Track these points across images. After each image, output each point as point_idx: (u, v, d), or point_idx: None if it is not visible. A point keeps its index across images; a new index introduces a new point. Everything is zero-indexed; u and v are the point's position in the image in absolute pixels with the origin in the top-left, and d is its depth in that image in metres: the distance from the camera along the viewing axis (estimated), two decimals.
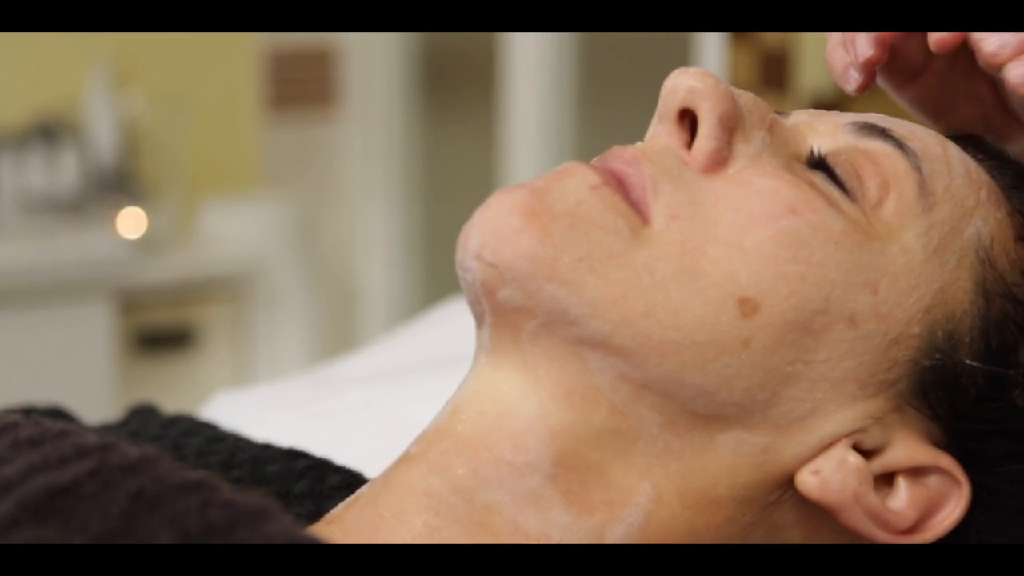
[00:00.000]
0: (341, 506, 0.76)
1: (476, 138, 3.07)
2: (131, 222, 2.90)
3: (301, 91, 3.25)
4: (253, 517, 0.66)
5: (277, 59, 3.21)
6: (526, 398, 0.74)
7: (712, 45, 2.19)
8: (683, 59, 2.35)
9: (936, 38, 0.81)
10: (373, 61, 3.23)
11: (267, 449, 0.97)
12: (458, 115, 3.25)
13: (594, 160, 0.78)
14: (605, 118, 2.76)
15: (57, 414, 1.03)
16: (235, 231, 3.07)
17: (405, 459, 0.76)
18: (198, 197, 3.08)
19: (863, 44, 0.82)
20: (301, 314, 3.08)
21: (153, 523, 0.65)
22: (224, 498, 0.66)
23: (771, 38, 2.08)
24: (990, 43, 0.79)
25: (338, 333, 3.21)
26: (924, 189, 0.78)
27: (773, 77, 2.09)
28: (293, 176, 3.23)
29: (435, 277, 3.20)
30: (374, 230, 3.28)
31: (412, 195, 3.27)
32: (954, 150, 0.81)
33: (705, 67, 2.14)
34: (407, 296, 3.27)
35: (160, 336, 3.02)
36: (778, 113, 0.82)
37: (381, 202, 3.26)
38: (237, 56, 3.15)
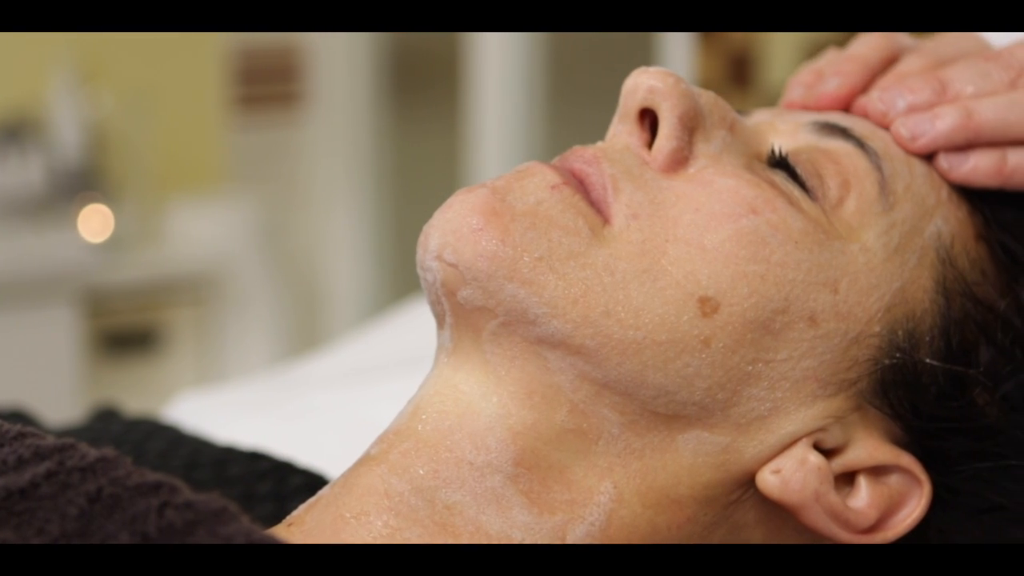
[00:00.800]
0: (302, 507, 0.76)
1: (442, 138, 3.07)
2: (96, 222, 2.88)
3: (267, 91, 3.24)
4: (212, 518, 0.65)
5: (243, 58, 3.20)
6: (487, 398, 0.74)
7: (679, 44, 2.19)
8: (650, 58, 2.35)
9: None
10: (339, 61, 3.23)
11: (229, 451, 0.97)
12: (425, 115, 3.25)
13: (555, 160, 0.78)
14: (572, 118, 2.77)
15: (17, 416, 1.02)
16: (201, 231, 3.06)
17: (366, 460, 0.75)
18: (164, 197, 3.07)
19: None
20: (267, 314, 3.08)
21: (112, 525, 0.65)
22: (183, 499, 0.66)
23: (737, 37, 2.09)
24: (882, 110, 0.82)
25: (304, 334, 3.21)
26: (885, 188, 0.78)
27: (740, 76, 2.09)
28: (259, 176, 3.23)
29: (401, 277, 3.20)
30: (340, 230, 3.27)
31: (378, 195, 3.27)
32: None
33: (673, 66, 2.15)
34: (373, 296, 3.27)
35: (125, 337, 3.01)
36: (739, 112, 0.82)
37: (347, 202, 3.26)
38: (203, 55, 3.14)
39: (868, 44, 0.86)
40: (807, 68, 0.87)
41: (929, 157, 0.80)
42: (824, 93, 0.84)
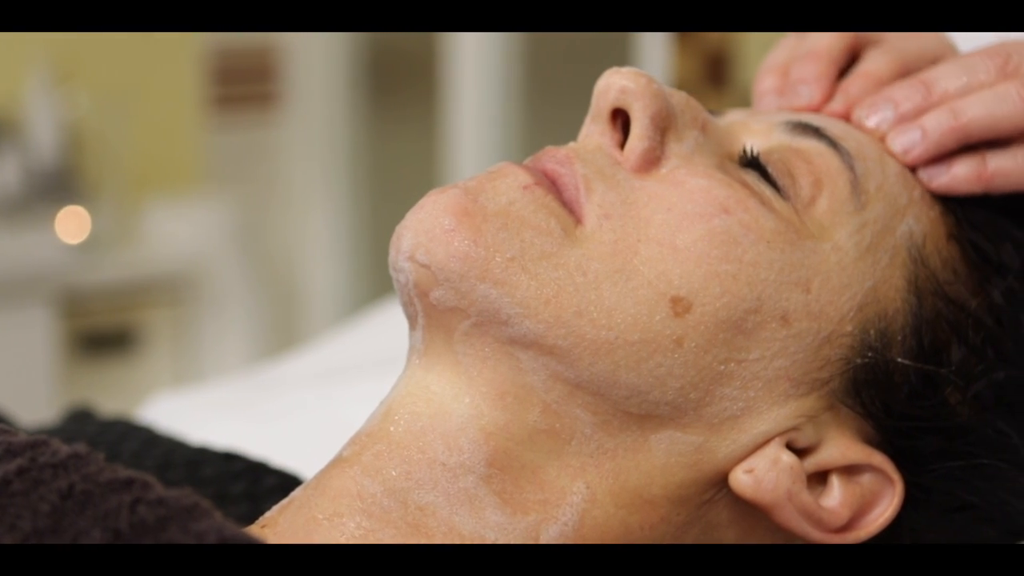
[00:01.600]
0: (275, 509, 0.76)
1: (419, 138, 3.07)
2: (73, 222, 2.88)
3: (244, 91, 3.24)
4: (184, 514, 0.65)
5: (220, 58, 3.20)
6: (459, 399, 0.74)
7: (656, 44, 2.19)
8: (627, 58, 2.35)
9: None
10: (316, 61, 3.22)
11: (203, 452, 0.97)
12: (401, 115, 3.25)
13: (527, 160, 0.78)
14: (549, 118, 2.77)
15: None
16: (178, 231, 3.05)
17: (338, 461, 0.75)
18: (140, 198, 3.06)
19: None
20: (244, 315, 3.07)
21: (84, 521, 0.65)
22: (155, 495, 0.66)
23: (713, 37, 2.09)
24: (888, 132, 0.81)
25: (280, 334, 3.20)
26: (857, 188, 0.78)
27: (716, 75, 2.09)
28: (236, 176, 3.22)
29: (377, 277, 3.19)
30: (316, 230, 3.27)
31: (354, 195, 3.26)
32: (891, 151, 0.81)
33: (649, 66, 2.16)
34: (350, 296, 3.26)
35: (102, 337, 3.00)
36: (712, 112, 0.82)
37: (323, 202, 3.25)
38: (180, 56, 3.13)
39: (828, 37, 0.86)
40: (771, 67, 0.87)
41: None
42: (797, 107, 0.84)
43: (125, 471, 0.68)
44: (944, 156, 0.80)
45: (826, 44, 0.85)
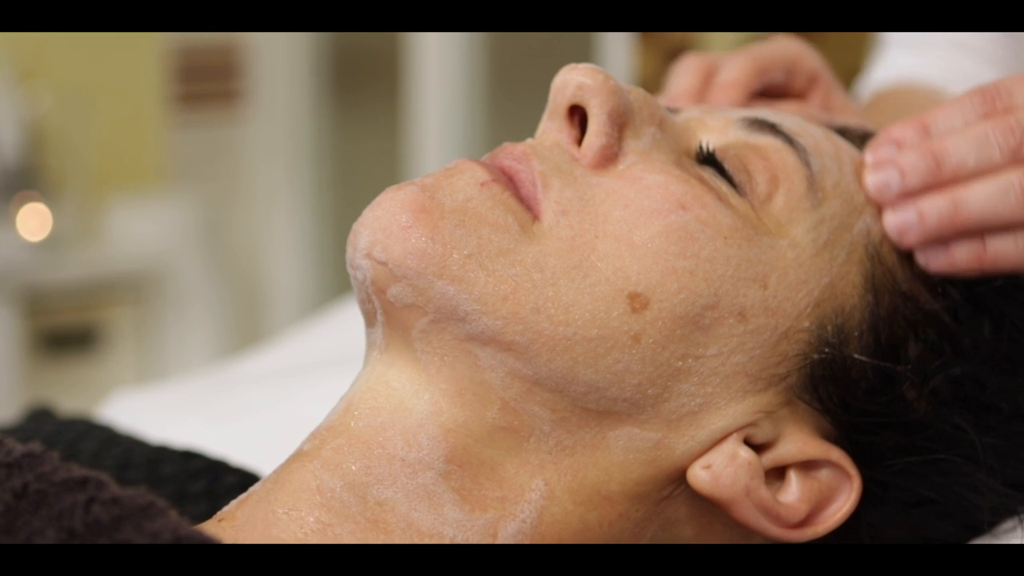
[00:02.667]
0: (234, 503, 0.75)
1: (383, 136, 3.06)
2: (35, 221, 2.86)
3: (207, 88, 3.23)
4: (139, 513, 0.65)
5: (183, 56, 3.19)
6: (418, 395, 0.74)
7: (618, 42, 2.19)
8: (590, 56, 2.36)
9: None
10: (279, 59, 3.22)
11: (162, 450, 0.96)
12: (365, 113, 3.24)
13: (484, 157, 0.78)
14: (512, 116, 2.77)
15: None
16: (140, 230, 3.04)
17: (298, 456, 0.75)
18: (103, 196, 3.05)
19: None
20: (207, 313, 3.06)
21: (38, 521, 0.65)
22: (110, 495, 0.66)
23: (675, 35, 2.09)
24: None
25: (244, 332, 3.19)
26: (813, 184, 0.78)
27: None
28: (199, 174, 3.21)
29: (341, 275, 3.18)
30: (280, 228, 3.26)
31: (318, 193, 3.26)
32: (846, 146, 0.81)
33: (612, 63, 2.16)
34: (314, 294, 3.26)
35: (65, 336, 2.99)
36: (669, 109, 0.82)
37: (287, 200, 3.25)
38: (142, 53, 3.12)
39: (737, 66, 0.87)
40: (679, 97, 0.88)
41: None
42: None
43: (80, 470, 0.67)
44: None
45: (736, 76, 0.87)
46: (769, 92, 0.94)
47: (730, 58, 0.87)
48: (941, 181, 0.79)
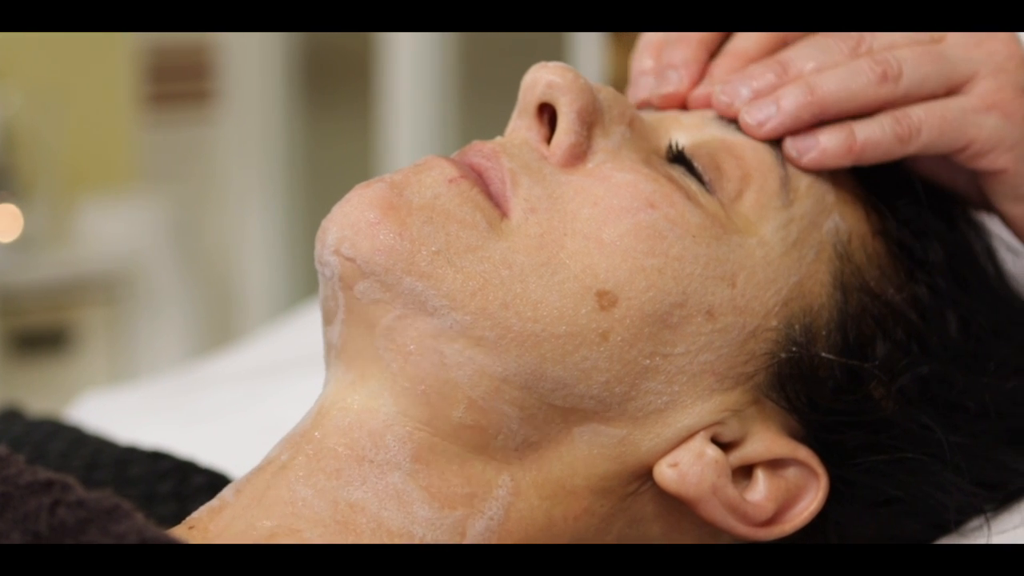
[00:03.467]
0: (204, 511, 0.75)
1: (355, 136, 3.06)
2: (6, 221, 2.85)
3: (179, 88, 3.22)
4: (104, 516, 0.65)
5: (154, 56, 3.18)
6: (382, 395, 0.73)
7: (591, 41, 2.20)
8: (562, 55, 2.36)
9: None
10: (251, 58, 3.21)
11: (131, 451, 0.96)
12: (337, 113, 3.24)
13: (454, 154, 0.78)
14: (485, 116, 2.76)
15: None
16: (112, 230, 3.03)
17: (268, 463, 0.75)
18: (74, 196, 3.04)
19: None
20: (179, 314, 3.05)
21: (3, 523, 0.64)
22: (75, 497, 0.65)
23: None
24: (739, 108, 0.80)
25: (216, 332, 3.19)
26: (787, 184, 0.78)
27: None
28: (171, 174, 3.20)
29: (314, 276, 3.17)
30: (253, 228, 3.25)
31: (290, 193, 3.25)
32: None
33: (584, 63, 2.15)
34: (286, 294, 3.25)
35: (36, 337, 2.98)
36: (648, 106, 0.82)
37: (259, 200, 3.24)
38: (113, 53, 3.11)
39: (754, 37, 0.86)
40: (647, 45, 0.86)
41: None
42: (666, 95, 0.84)
43: (45, 473, 0.67)
44: (804, 130, 0.79)
45: (745, 47, 0.85)
46: None
47: (745, 34, 0.86)
48: (788, 80, 0.80)
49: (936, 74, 0.80)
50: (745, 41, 0.84)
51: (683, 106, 0.84)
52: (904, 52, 0.80)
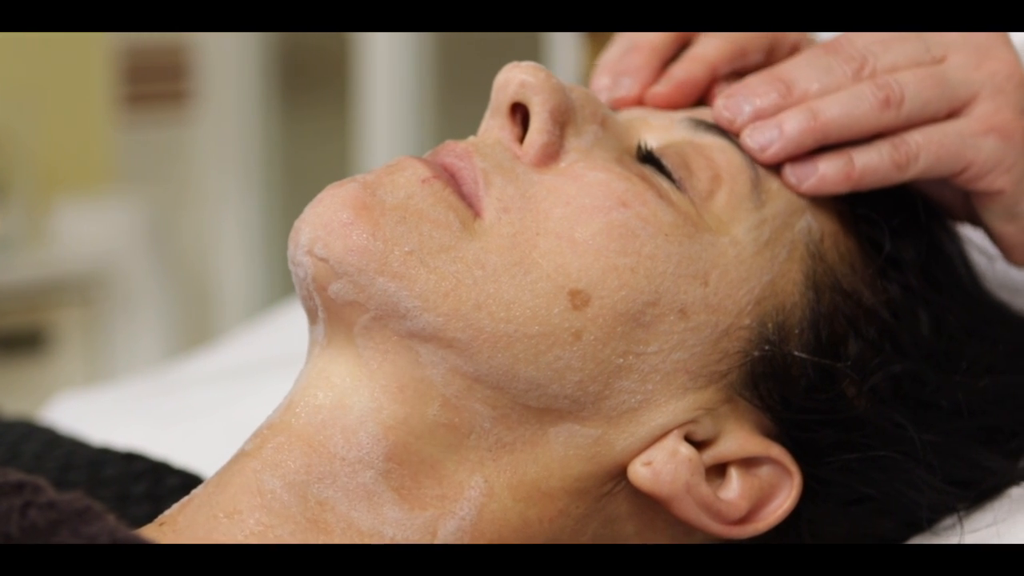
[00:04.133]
0: (175, 507, 0.75)
1: (332, 136, 3.06)
2: None
3: (155, 89, 3.21)
4: (75, 517, 0.65)
5: (131, 56, 3.17)
6: (359, 392, 0.73)
7: (567, 42, 2.20)
8: (539, 56, 2.36)
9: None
10: (228, 59, 3.20)
11: (105, 452, 0.96)
12: (314, 113, 3.24)
13: (427, 154, 0.78)
14: (461, 116, 2.76)
15: None
16: (89, 231, 3.02)
17: (240, 455, 0.75)
18: (51, 197, 3.03)
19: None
20: (156, 314, 3.05)
21: None
22: (46, 499, 0.65)
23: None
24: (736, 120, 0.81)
25: (193, 333, 3.18)
26: (758, 186, 0.78)
27: None
28: (147, 175, 3.20)
29: (290, 276, 3.17)
30: (229, 229, 3.25)
31: (267, 193, 3.25)
32: None
33: (561, 63, 2.16)
34: (263, 295, 3.25)
35: (13, 338, 2.97)
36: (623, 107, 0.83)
37: (236, 201, 3.24)
38: (90, 53, 3.11)
39: (713, 44, 0.86)
40: (604, 65, 0.87)
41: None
42: (618, 98, 0.84)
43: (16, 474, 0.67)
44: (803, 156, 0.79)
45: (649, 37, 0.86)
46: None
47: (708, 35, 0.86)
48: (792, 102, 0.80)
49: (938, 99, 0.80)
50: (705, 47, 0.85)
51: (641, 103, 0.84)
52: (907, 76, 0.80)
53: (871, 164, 0.79)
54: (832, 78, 0.80)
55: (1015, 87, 0.81)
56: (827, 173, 0.79)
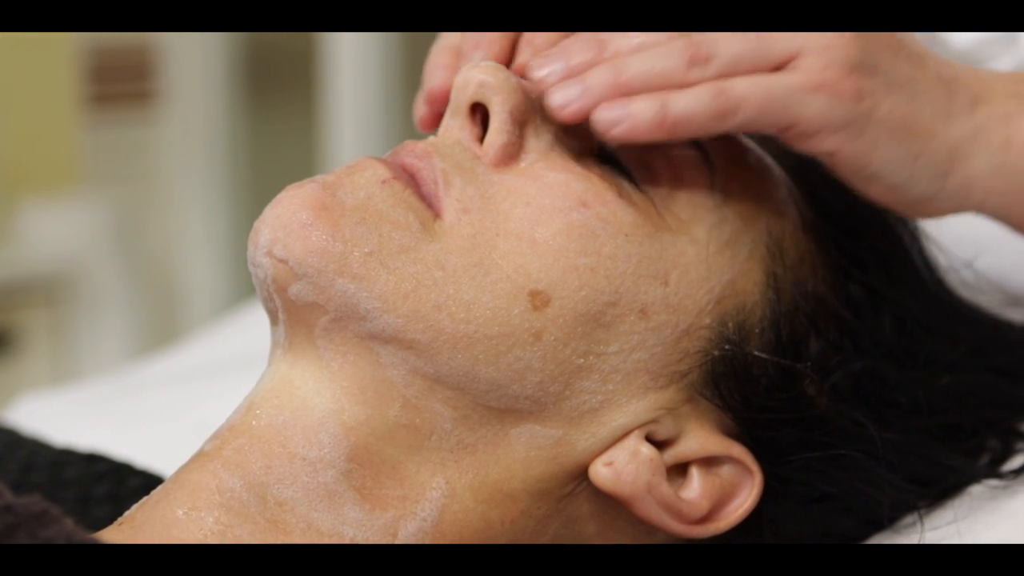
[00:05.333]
0: (134, 507, 0.75)
1: (298, 136, 3.05)
2: None
3: (120, 89, 3.20)
4: (33, 521, 0.64)
5: (95, 56, 3.16)
6: (320, 393, 0.73)
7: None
8: None
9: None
10: (194, 60, 3.19)
11: (66, 453, 0.95)
12: (280, 113, 3.23)
13: (387, 155, 0.77)
14: None
15: None
16: (54, 231, 3.01)
17: (199, 456, 0.75)
18: (16, 197, 3.02)
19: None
20: (122, 315, 3.04)
21: None
22: (2, 503, 0.65)
23: None
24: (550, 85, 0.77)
25: (159, 333, 3.17)
26: (716, 184, 0.78)
27: None
28: (113, 175, 3.18)
29: None
30: (195, 229, 3.24)
31: (234, 194, 3.24)
32: (752, 146, 0.82)
33: None
34: (229, 295, 3.24)
35: None
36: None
37: (202, 201, 3.23)
38: (54, 53, 3.09)
39: (488, 39, 0.85)
40: (445, 46, 0.86)
41: None
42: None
43: None
44: (613, 101, 0.74)
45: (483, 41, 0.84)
46: None
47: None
48: (603, 59, 0.76)
49: (751, 53, 0.75)
50: (539, 36, 0.83)
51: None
52: (721, 36, 0.76)
53: (688, 109, 0.74)
54: (650, 39, 0.76)
55: (844, 43, 0.76)
56: (638, 117, 0.74)
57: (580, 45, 0.77)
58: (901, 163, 0.77)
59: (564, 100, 0.75)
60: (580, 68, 0.76)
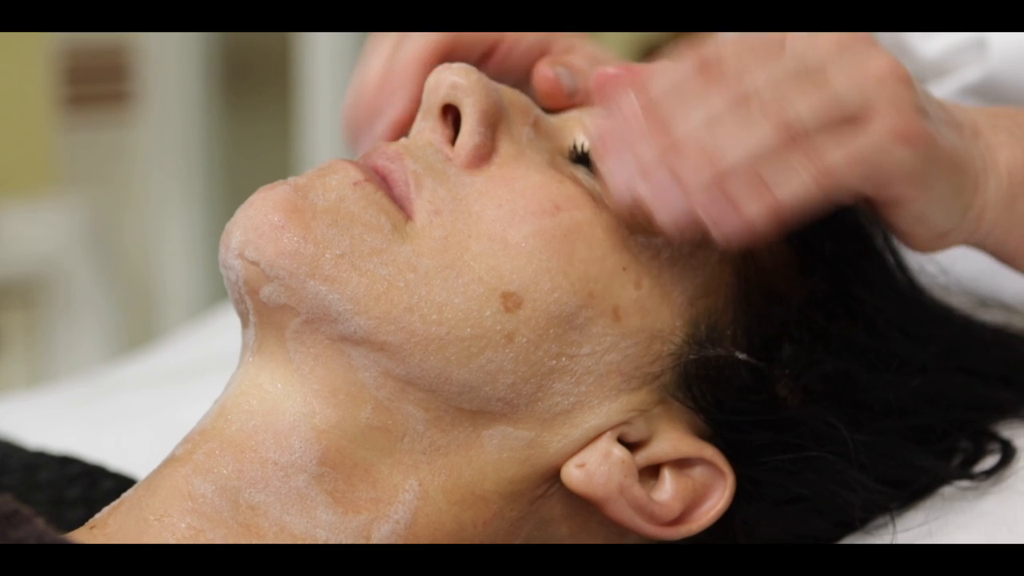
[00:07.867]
0: (106, 510, 0.75)
1: (275, 137, 3.05)
2: None
3: (96, 90, 3.19)
4: (3, 521, 0.65)
5: (71, 57, 3.15)
6: (291, 396, 0.73)
7: None
8: None
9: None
10: (170, 60, 3.19)
11: (39, 456, 0.95)
12: (257, 115, 3.23)
13: (359, 156, 0.77)
14: None
15: None
16: (30, 233, 3.00)
17: (171, 460, 0.75)
18: None
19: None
20: (99, 317, 3.03)
21: None
22: None
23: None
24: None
25: (136, 335, 3.16)
26: None
27: None
28: (89, 177, 3.18)
29: None
30: (172, 231, 3.24)
31: (210, 195, 3.24)
32: None
33: None
34: (205, 297, 3.24)
35: None
36: (548, 110, 0.82)
37: (179, 203, 3.22)
38: (29, 54, 3.08)
39: (414, 44, 0.85)
40: (355, 103, 0.88)
41: None
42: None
43: None
44: (716, 206, 0.70)
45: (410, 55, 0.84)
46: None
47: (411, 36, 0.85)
48: (677, 144, 0.71)
49: (826, 112, 0.70)
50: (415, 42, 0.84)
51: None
52: (796, 100, 0.70)
53: (791, 187, 0.70)
54: (686, 84, 0.71)
55: (905, 87, 0.72)
56: (748, 211, 0.70)
57: (638, 124, 0.72)
58: (946, 200, 0.75)
59: (672, 216, 0.71)
60: (654, 164, 0.71)
